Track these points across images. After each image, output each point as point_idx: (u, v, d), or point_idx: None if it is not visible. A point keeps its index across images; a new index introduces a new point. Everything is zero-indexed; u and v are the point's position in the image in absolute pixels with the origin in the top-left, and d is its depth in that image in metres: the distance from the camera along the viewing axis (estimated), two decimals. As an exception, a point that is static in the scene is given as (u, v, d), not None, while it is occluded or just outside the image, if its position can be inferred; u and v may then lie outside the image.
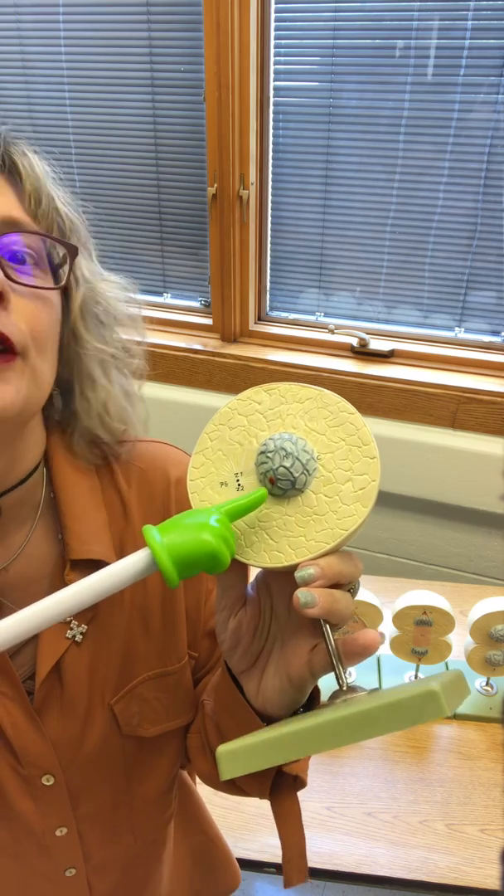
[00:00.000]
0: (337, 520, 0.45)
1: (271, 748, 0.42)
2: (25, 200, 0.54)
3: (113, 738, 0.64)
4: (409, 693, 0.38)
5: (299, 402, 0.48)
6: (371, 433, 0.46)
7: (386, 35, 1.54)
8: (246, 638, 0.50)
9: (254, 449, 0.48)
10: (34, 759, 0.61)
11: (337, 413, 0.47)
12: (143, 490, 0.65)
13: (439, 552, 1.83)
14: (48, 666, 0.59)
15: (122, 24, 1.72)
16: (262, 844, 0.98)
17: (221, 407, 0.50)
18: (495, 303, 1.70)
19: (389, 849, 0.97)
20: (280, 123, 1.72)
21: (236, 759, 0.43)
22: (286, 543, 0.46)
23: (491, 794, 1.03)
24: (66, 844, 0.66)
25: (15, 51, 1.85)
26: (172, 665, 0.66)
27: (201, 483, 0.49)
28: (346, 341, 1.82)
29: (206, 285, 1.95)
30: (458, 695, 0.41)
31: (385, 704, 0.38)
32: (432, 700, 0.37)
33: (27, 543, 0.60)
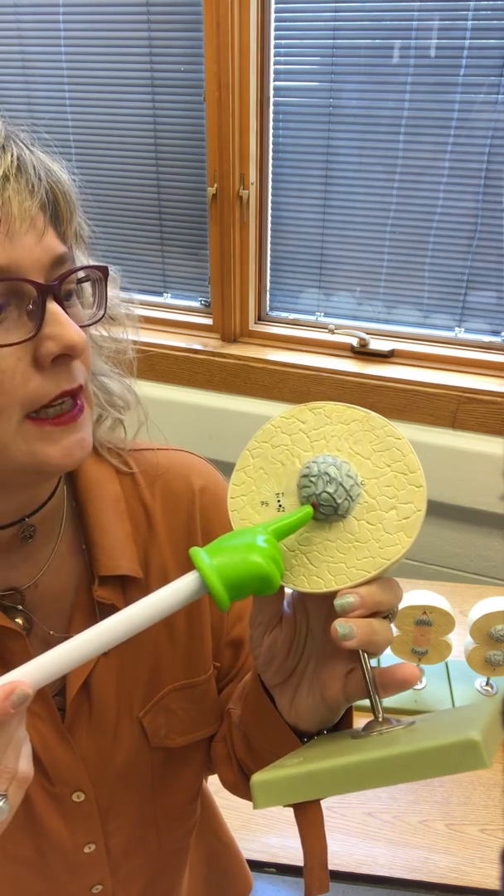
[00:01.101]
0: (379, 548, 0.44)
1: (306, 784, 0.41)
2: (62, 225, 0.50)
3: (142, 751, 0.64)
4: (449, 740, 0.36)
5: (345, 423, 0.46)
6: (418, 460, 0.45)
7: (386, 35, 1.54)
8: (280, 655, 0.50)
9: (296, 469, 0.47)
10: (65, 777, 0.60)
11: (383, 437, 0.45)
12: (167, 500, 0.64)
13: (439, 552, 1.83)
14: (79, 682, 0.58)
15: (122, 24, 1.72)
16: (261, 844, 0.98)
17: (265, 424, 0.49)
18: (495, 303, 1.70)
19: (389, 849, 0.97)
20: (280, 123, 1.72)
21: (271, 790, 0.42)
22: (326, 569, 0.45)
23: (491, 794, 1.03)
24: (95, 861, 0.66)
25: (15, 51, 1.85)
26: (199, 676, 0.66)
27: (242, 501, 0.48)
28: (346, 341, 1.82)
29: (206, 285, 1.95)
30: (497, 733, 0.40)
31: (422, 750, 0.37)
32: (472, 751, 0.35)
33: (53, 556, 0.59)
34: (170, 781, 0.68)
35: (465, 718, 0.40)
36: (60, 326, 0.46)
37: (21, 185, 0.46)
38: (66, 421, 0.48)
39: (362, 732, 0.45)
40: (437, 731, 0.39)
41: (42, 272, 0.47)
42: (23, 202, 0.45)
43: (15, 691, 0.41)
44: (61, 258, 0.48)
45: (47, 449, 0.48)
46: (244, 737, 0.60)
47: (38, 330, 0.45)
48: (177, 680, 0.64)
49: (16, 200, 0.45)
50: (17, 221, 0.45)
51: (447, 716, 0.45)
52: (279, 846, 0.98)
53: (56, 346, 0.46)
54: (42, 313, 0.46)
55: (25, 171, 0.46)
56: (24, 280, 0.45)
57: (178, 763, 0.68)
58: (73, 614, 0.60)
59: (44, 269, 0.47)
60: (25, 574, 0.58)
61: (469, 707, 0.46)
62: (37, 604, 0.59)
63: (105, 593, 0.59)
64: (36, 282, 0.46)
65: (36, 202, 0.47)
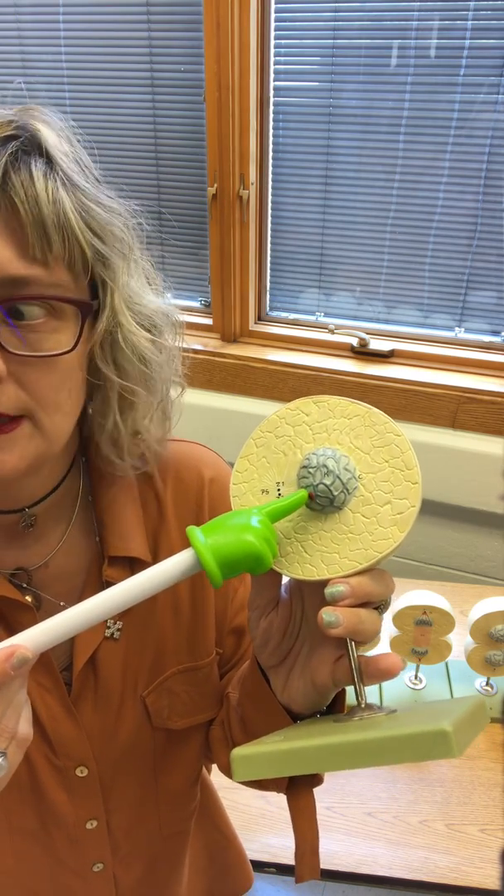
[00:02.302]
0: (372, 541, 0.45)
1: (283, 760, 0.42)
2: (29, 246, 0.46)
3: (144, 730, 0.66)
4: (421, 729, 0.37)
5: (347, 417, 0.47)
6: (415, 458, 0.46)
7: (386, 35, 1.54)
8: (275, 637, 0.51)
9: (297, 461, 0.48)
10: (69, 750, 0.62)
11: (383, 433, 0.46)
12: (178, 488, 0.66)
13: (439, 552, 1.83)
14: (84, 657, 0.60)
15: (122, 24, 1.72)
16: (262, 844, 0.98)
17: (270, 414, 0.50)
18: (495, 303, 1.70)
19: (389, 849, 0.97)
20: (280, 123, 1.72)
21: (250, 764, 0.43)
22: (320, 558, 0.46)
23: (491, 794, 1.03)
24: (96, 837, 0.67)
25: (15, 51, 1.85)
26: (202, 659, 0.67)
27: (244, 488, 0.50)
28: (346, 341, 1.82)
29: (206, 285, 1.95)
30: (474, 728, 0.41)
31: (395, 736, 0.38)
32: (443, 741, 0.37)
33: (65, 539, 0.61)
34: (171, 762, 0.69)
35: (445, 711, 0.41)
36: None
37: None
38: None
39: (345, 716, 0.47)
40: (414, 720, 0.41)
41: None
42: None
43: (15, 654, 0.42)
44: (16, 280, 0.46)
45: None
46: (241, 719, 0.62)
47: None
48: (181, 663, 0.66)
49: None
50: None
51: (429, 707, 0.46)
52: (279, 846, 0.98)
53: None
54: None
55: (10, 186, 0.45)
56: None
57: (179, 745, 0.69)
58: (83, 593, 0.61)
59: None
60: (36, 554, 0.60)
61: (453, 700, 0.47)
62: (48, 582, 0.61)
63: (114, 573, 0.60)
64: None
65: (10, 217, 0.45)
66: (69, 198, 0.48)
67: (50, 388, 0.49)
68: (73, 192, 0.49)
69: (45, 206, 0.46)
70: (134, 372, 0.56)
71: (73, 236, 0.48)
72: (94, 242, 0.50)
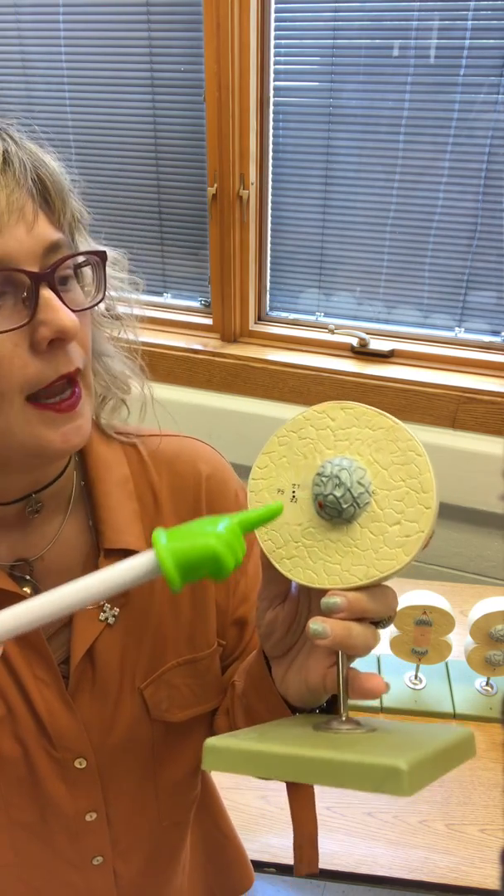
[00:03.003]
0: (375, 559, 0.45)
1: (249, 761, 0.42)
2: (56, 213, 0.52)
3: (142, 723, 0.66)
4: (378, 761, 0.37)
5: (371, 428, 0.47)
6: (434, 481, 0.45)
7: (386, 35, 1.54)
8: (280, 630, 0.52)
9: (315, 465, 0.47)
10: (68, 743, 0.62)
11: (405, 451, 0.46)
12: (174, 483, 0.67)
13: (439, 552, 1.83)
14: (83, 649, 0.60)
15: (122, 24, 1.72)
16: (262, 844, 0.98)
17: (297, 414, 0.49)
18: (495, 303, 1.70)
19: (389, 849, 0.97)
20: (280, 123, 1.72)
21: (219, 757, 0.43)
22: (322, 567, 0.46)
23: (491, 794, 1.03)
24: (96, 830, 0.68)
25: (15, 51, 1.85)
26: (202, 651, 0.68)
27: (261, 484, 0.49)
28: (346, 341, 1.82)
29: (206, 285, 1.95)
30: (448, 763, 0.40)
31: (352, 763, 0.38)
32: (394, 777, 0.36)
33: (61, 532, 0.62)
34: (170, 753, 0.69)
35: (418, 743, 0.40)
36: (53, 312, 0.48)
37: (8, 179, 0.48)
38: (65, 408, 0.51)
39: (324, 725, 0.46)
40: (381, 747, 0.40)
41: (36, 260, 0.49)
42: (10, 195, 0.48)
43: None
44: (55, 245, 0.50)
45: (48, 433, 0.51)
46: (245, 708, 0.62)
47: (32, 316, 0.48)
48: (180, 655, 0.66)
49: (3, 194, 0.47)
50: (4, 214, 0.47)
51: (409, 735, 0.45)
52: (279, 846, 0.98)
53: (49, 330, 0.48)
54: (36, 300, 0.48)
55: (12, 165, 0.49)
56: (17, 270, 0.48)
57: (178, 737, 0.69)
58: None
59: (37, 257, 0.49)
60: (34, 546, 0.61)
61: (443, 730, 0.46)
62: (44, 575, 0.61)
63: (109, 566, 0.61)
64: (28, 271, 0.48)
65: (23, 193, 0.49)
66: (59, 165, 0.54)
67: (90, 341, 0.54)
68: (59, 165, 0.55)
69: (60, 178, 0.52)
70: (109, 309, 0.62)
71: (71, 203, 0.54)
72: (76, 204, 0.56)
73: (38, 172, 0.51)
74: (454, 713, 1.13)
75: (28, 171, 0.50)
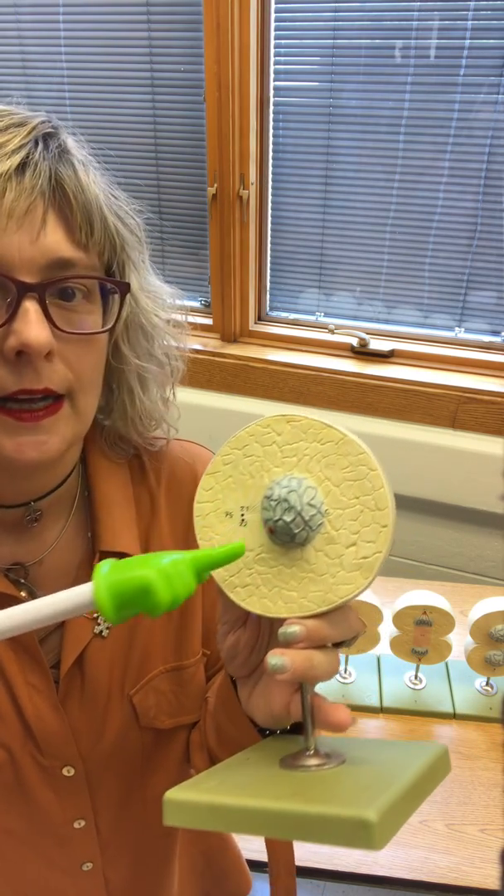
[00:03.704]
0: (333, 584, 0.42)
1: (213, 817, 0.39)
2: (76, 231, 0.50)
3: (131, 730, 0.65)
4: (344, 812, 0.34)
5: (320, 442, 0.44)
6: (389, 496, 0.42)
7: (386, 35, 1.54)
8: (242, 654, 0.51)
9: (263, 485, 0.45)
10: (56, 750, 0.62)
11: (356, 465, 0.42)
12: (171, 487, 0.67)
13: (439, 552, 1.83)
14: (73, 656, 0.60)
15: (122, 24, 1.72)
16: (261, 844, 0.98)
17: (240, 430, 0.47)
18: (495, 303, 1.70)
19: (389, 849, 0.97)
20: (280, 123, 1.72)
21: (180, 810, 0.41)
22: (277, 594, 0.44)
23: (491, 794, 1.03)
24: (84, 837, 0.67)
25: (15, 51, 1.85)
26: (188, 659, 0.67)
27: (208, 507, 0.47)
28: (346, 341, 1.82)
29: (206, 285, 1.95)
30: (422, 793, 0.38)
31: (316, 816, 0.35)
32: (363, 830, 0.33)
33: (62, 536, 0.62)
34: (158, 762, 0.69)
35: (388, 777, 0.38)
36: (23, 324, 0.47)
37: (21, 185, 0.47)
38: (26, 418, 0.49)
39: (290, 762, 0.44)
40: (350, 787, 0.38)
41: (35, 271, 0.48)
42: (15, 200, 0.47)
43: None
44: (65, 262, 0.49)
45: (3, 440, 0.50)
46: (216, 727, 0.61)
47: (5, 323, 0.47)
48: (167, 662, 0.66)
49: (8, 199, 0.47)
50: (4, 219, 0.46)
51: (380, 764, 0.42)
52: (279, 846, 0.97)
53: (14, 340, 0.47)
54: (15, 309, 0.47)
55: (29, 172, 0.48)
56: (4, 276, 0.47)
57: (166, 745, 0.69)
58: None
59: (37, 268, 0.48)
60: (32, 551, 0.61)
61: (411, 752, 0.43)
62: (41, 579, 0.61)
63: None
64: (14, 279, 0.47)
65: (35, 202, 0.48)
66: (101, 189, 0.53)
67: (89, 368, 0.53)
68: (101, 185, 0.54)
69: (90, 195, 0.51)
70: (152, 352, 0.61)
71: (106, 224, 0.52)
72: (121, 230, 0.55)
73: (61, 183, 0.49)
74: (454, 713, 1.13)
75: (46, 181, 0.48)
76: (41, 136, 0.50)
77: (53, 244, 0.49)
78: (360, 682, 1.18)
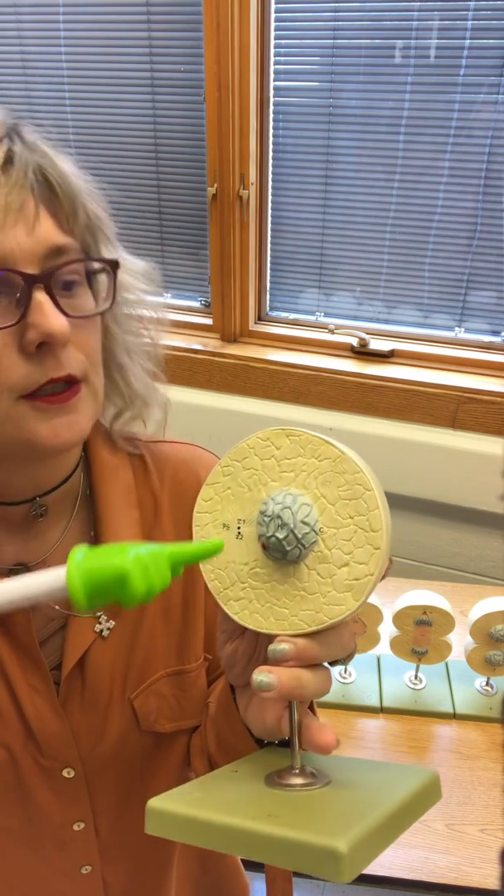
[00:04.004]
0: (324, 604, 0.42)
1: (190, 830, 0.39)
2: (62, 218, 0.51)
3: (132, 733, 0.65)
4: (313, 840, 0.34)
5: (318, 458, 0.43)
6: (383, 518, 0.41)
7: (386, 35, 1.54)
8: (241, 663, 0.51)
9: (260, 498, 0.44)
10: (56, 752, 0.62)
11: (352, 484, 0.42)
12: (174, 489, 0.67)
13: (439, 552, 1.83)
14: (75, 658, 0.60)
15: (122, 24, 1.72)
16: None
17: (241, 441, 0.46)
18: (495, 303, 1.70)
19: (389, 849, 0.96)
20: (280, 123, 1.72)
21: (162, 821, 0.41)
22: (269, 611, 0.44)
23: (491, 794, 1.03)
24: (84, 839, 0.67)
25: (15, 51, 1.85)
26: (190, 664, 0.67)
27: (206, 518, 0.47)
28: (346, 341, 1.82)
29: (206, 285, 1.95)
30: (405, 821, 0.38)
31: (287, 840, 0.35)
32: (332, 861, 0.32)
33: (64, 537, 0.62)
34: (157, 765, 0.69)
35: (370, 804, 0.37)
36: (42, 315, 0.47)
37: (10, 179, 0.48)
38: (57, 401, 0.50)
39: (276, 780, 0.43)
40: (327, 813, 0.37)
41: (36, 262, 0.49)
42: (8, 195, 0.47)
43: None
44: (60, 249, 0.50)
45: (37, 426, 0.50)
46: (216, 734, 0.61)
47: (21, 318, 0.48)
48: (169, 666, 0.66)
49: (2, 193, 0.47)
50: (1, 214, 0.47)
51: (366, 788, 0.42)
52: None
53: (36, 333, 0.47)
54: (27, 302, 0.48)
55: (14, 165, 0.48)
56: (10, 270, 0.47)
57: (166, 749, 0.69)
58: None
59: (37, 259, 0.49)
60: (35, 551, 0.61)
61: (402, 776, 0.42)
62: None
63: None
64: (22, 272, 0.48)
65: (25, 194, 0.48)
66: (74, 173, 0.54)
67: (95, 348, 0.54)
68: (74, 169, 0.55)
69: (71, 182, 0.52)
70: (136, 327, 0.62)
71: (86, 208, 0.54)
72: (97, 210, 0.56)
73: (44, 174, 0.50)
74: (454, 713, 1.13)
75: (32, 172, 0.49)
76: (12, 130, 0.51)
77: (47, 233, 0.50)
78: (360, 682, 1.18)
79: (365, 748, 1.10)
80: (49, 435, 0.50)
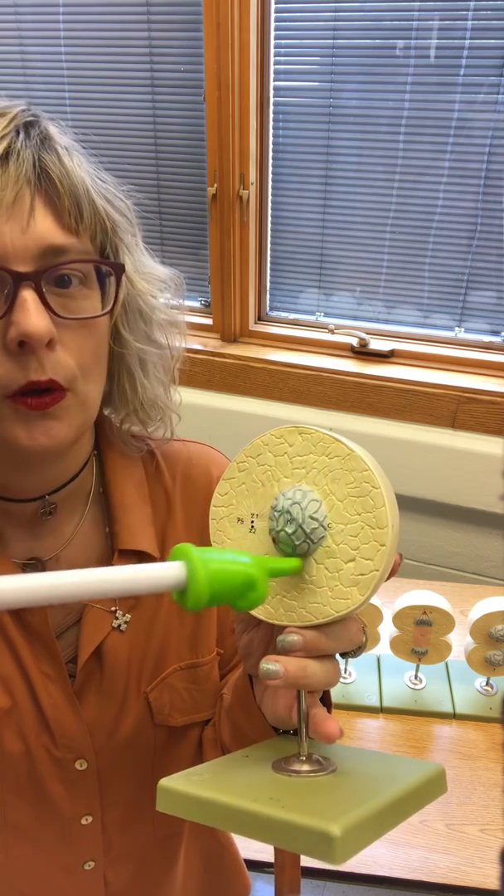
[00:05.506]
0: (331, 598, 0.43)
1: (199, 809, 0.41)
2: (65, 216, 0.50)
3: (145, 726, 0.66)
4: (308, 823, 0.35)
5: (328, 456, 0.44)
6: (389, 515, 0.42)
7: (386, 35, 1.54)
8: (257, 653, 0.51)
9: (272, 494, 0.46)
10: (70, 742, 0.62)
11: (360, 482, 0.43)
12: (186, 487, 0.67)
13: (439, 552, 1.83)
14: (90, 649, 0.60)
15: (122, 24, 1.72)
16: (261, 844, 0.98)
17: (255, 438, 0.47)
18: (495, 303, 1.70)
19: (389, 849, 0.97)
20: (280, 123, 1.72)
21: (172, 799, 0.42)
22: (279, 602, 0.45)
23: (491, 794, 1.03)
24: (90, 834, 0.67)
25: (15, 51, 1.85)
26: (203, 657, 0.68)
27: (222, 512, 0.48)
28: (346, 341, 1.82)
29: (206, 285, 1.95)
30: (406, 810, 0.39)
31: (284, 822, 0.36)
32: (325, 843, 0.34)
33: (77, 532, 0.62)
34: (169, 760, 0.69)
35: (371, 792, 0.38)
36: (22, 314, 0.47)
37: (6, 175, 0.47)
38: (37, 405, 0.49)
39: (283, 766, 0.44)
40: (328, 799, 0.38)
41: (30, 260, 0.48)
42: (1, 191, 0.47)
43: None
44: (58, 248, 0.49)
45: (16, 428, 0.50)
46: (232, 724, 0.62)
47: (3, 315, 0.47)
48: (182, 659, 0.66)
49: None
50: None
51: (369, 778, 0.43)
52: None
53: (15, 331, 0.47)
54: (13, 300, 0.47)
55: (13, 160, 0.48)
56: (0, 268, 0.47)
57: (178, 742, 0.69)
58: None
59: (32, 257, 0.48)
60: (49, 546, 0.61)
61: (407, 769, 0.43)
62: None
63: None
64: (9, 269, 0.47)
65: (21, 191, 0.48)
66: (86, 173, 0.52)
67: (90, 354, 0.52)
68: (88, 169, 0.53)
69: (76, 180, 0.50)
70: (151, 334, 0.61)
71: (95, 207, 0.52)
72: (111, 212, 0.54)
73: (46, 170, 0.49)
74: (454, 713, 1.13)
75: (31, 169, 0.48)
76: (22, 126, 0.50)
77: (44, 231, 0.49)
78: (360, 682, 1.18)
79: (363, 747, 1.10)
80: (26, 438, 0.50)
